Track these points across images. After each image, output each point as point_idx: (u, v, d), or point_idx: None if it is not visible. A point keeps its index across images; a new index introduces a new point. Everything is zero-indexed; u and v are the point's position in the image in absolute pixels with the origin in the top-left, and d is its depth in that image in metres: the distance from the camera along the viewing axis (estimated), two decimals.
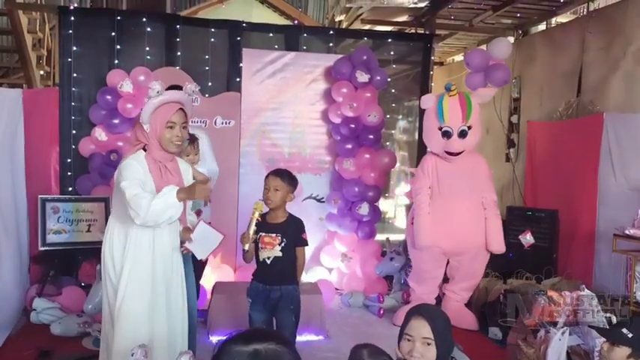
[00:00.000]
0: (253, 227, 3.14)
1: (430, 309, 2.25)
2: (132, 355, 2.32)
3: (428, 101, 4.75)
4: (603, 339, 2.57)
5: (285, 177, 3.31)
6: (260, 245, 3.26)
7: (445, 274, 4.93)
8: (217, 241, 2.97)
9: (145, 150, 2.85)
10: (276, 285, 3.28)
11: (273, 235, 3.26)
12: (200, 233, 2.94)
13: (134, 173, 2.75)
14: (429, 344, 2.04)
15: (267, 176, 3.35)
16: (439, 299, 4.95)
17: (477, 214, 4.67)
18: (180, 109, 2.87)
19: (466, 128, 4.56)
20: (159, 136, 2.82)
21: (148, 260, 2.82)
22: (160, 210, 2.68)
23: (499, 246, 4.72)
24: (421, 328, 2.06)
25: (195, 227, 2.95)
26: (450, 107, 4.56)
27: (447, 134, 4.59)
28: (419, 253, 4.81)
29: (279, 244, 3.26)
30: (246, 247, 3.17)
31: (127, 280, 2.76)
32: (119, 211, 2.82)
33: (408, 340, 2.08)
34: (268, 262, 3.27)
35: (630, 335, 2.34)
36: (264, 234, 3.24)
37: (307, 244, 3.41)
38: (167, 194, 2.71)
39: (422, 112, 5.19)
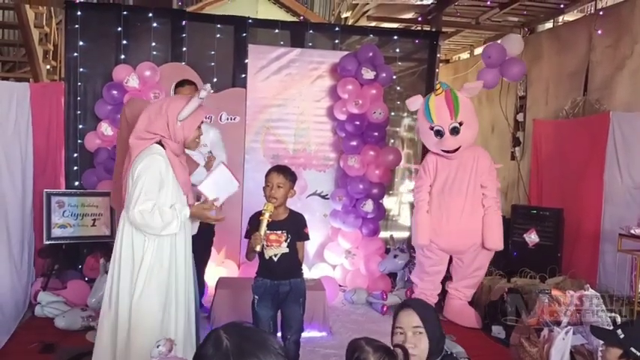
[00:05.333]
0: (264, 228, 3.13)
1: (416, 300, 2.35)
2: (157, 347, 2.34)
3: (414, 103, 4.77)
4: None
5: (288, 173, 3.30)
6: (265, 243, 3.23)
7: (448, 271, 4.92)
8: (233, 189, 3.03)
9: (159, 143, 2.86)
10: (284, 280, 3.29)
11: (279, 232, 3.25)
12: (218, 175, 2.97)
13: (157, 175, 2.76)
14: (420, 333, 2.08)
15: (268, 173, 3.31)
16: (443, 297, 4.95)
17: (476, 211, 4.64)
18: None
19: (457, 125, 4.53)
20: (189, 135, 2.87)
21: (169, 254, 2.85)
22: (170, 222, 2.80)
23: (495, 243, 4.64)
24: (410, 318, 2.11)
25: (214, 168, 2.99)
26: (437, 106, 4.56)
27: (439, 133, 4.59)
28: (420, 249, 4.84)
29: (286, 241, 3.26)
30: (258, 248, 3.15)
31: (145, 275, 2.78)
32: None
33: (400, 334, 2.11)
34: (275, 259, 3.26)
35: (622, 336, 2.35)
36: (269, 232, 3.21)
37: (309, 239, 3.44)
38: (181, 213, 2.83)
39: None
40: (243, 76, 5.76)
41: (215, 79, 5.62)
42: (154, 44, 5.56)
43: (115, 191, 3.48)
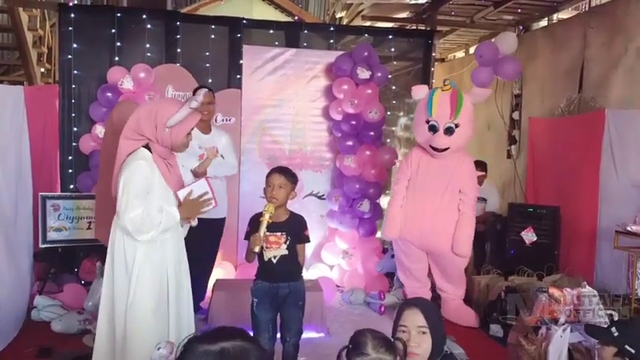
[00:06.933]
0: (264, 229, 3.13)
1: (421, 300, 2.31)
2: (158, 349, 2.34)
3: (419, 92, 4.70)
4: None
5: (289, 174, 3.29)
6: (265, 245, 3.21)
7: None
8: (209, 207, 2.98)
9: (146, 147, 2.84)
10: (283, 282, 3.28)
11: (279, 233, 3.24)
12: (197, 188, 2.94)
13: (142, 181, 2.75)
14: (424, 333, 2.07)
15: (269, 174, 3.31)
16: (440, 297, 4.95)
17: (450, 214, 4.58)
18: None
19: (453, 125, 4.48)
20: (176, 140, 2.83)
21: (160, 257, 2.85)
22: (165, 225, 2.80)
23: (461, 248, 4.54)
24: (415, 318, 2.09)
25: (196, 181, 2.97)
26: (440, 101, 4.52)
27: (433, 128, 4.53)
28: (396, 244, 4.85)
29: (285, 243, 3.25)
30: (257, 248, 3.14)
31: (138, 279, 2.77)
32: None
33: (403, 332, 2.10)
34: (274, 260, 3.25)
35: (616, 334, 2.36)
36: (269, 233, 3.20)
37: (309, 241, 3.42)
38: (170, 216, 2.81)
39: None
40: (239, 76, 5.75)
41: (210, 80, 5.60)
42: (148, 46, 5.53)
43: (100, 224, 3.39)
